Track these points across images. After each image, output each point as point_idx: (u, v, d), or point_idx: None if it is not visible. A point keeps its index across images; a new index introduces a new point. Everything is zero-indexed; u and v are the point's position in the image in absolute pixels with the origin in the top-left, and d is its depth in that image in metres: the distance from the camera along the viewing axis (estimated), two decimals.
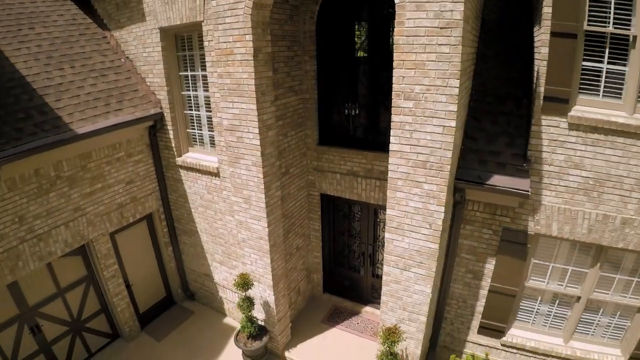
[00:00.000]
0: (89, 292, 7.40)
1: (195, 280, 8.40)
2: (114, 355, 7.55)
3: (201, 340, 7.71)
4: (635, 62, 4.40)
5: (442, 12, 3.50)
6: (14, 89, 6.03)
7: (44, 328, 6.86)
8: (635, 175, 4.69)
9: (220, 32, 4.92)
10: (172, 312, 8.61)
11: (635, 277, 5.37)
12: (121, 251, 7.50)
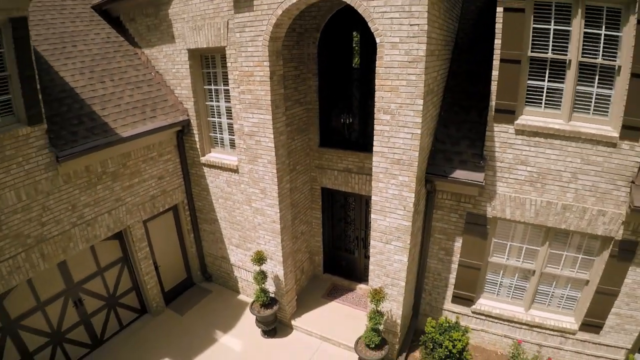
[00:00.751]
0: (123, 272, 8.57)
1: (213, 263, 9.64)
2: (143, 328, 8.71)
3: (219, 313, 8.89)
4: (570, 80, 5.58)
5: (410, 50, 4.74)
6: (66, 99, 7.21)
7: (85, 302, 8.04)
8: (571, 169, 5.87)
9: (243, 58, 6.17)
10: (192, 292, 9.83)
11: (580, 254, 6.57)
12: (151, 236, 8.68)
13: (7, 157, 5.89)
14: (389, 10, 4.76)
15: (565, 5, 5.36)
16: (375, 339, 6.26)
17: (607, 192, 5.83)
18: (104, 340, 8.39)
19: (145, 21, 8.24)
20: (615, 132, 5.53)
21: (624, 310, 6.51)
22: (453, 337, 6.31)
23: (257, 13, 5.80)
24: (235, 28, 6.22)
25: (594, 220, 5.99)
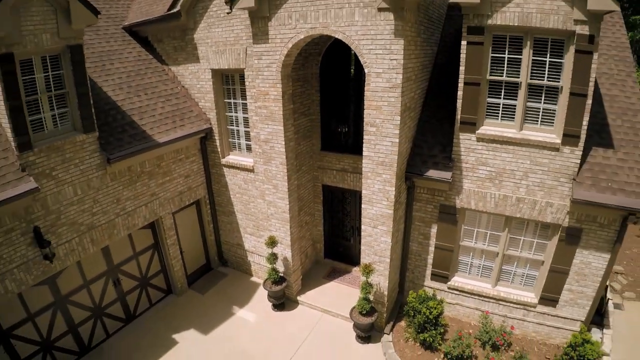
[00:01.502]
0: (154, 256, 9.90)
1: (229, 250, 11.00)
2: (169, 305, 10.04)
3: (235, 292, 10.24)
4: (521, 98, 6.89)
5: (390, 78, 6.07)
6: (110, 111, 8.53)
7: (123, 282, 9.39)
8: (522, 169, 7.18)
9: (260, 80, 7.50)
10: (210, 275, 11.15)
11: (535, 239, 7.87)
12: (178, 226, 10.00)
13: (66, 159, 7.22)
14: (375, 48, 6.10)
15: (517, 37, 6.66)
16: (366, 306, 7.58)
17: (553, 188, 7.13)
18: (136, 315, 9.71)
19: (172, 43, 9.58)
20: (558, 139, 6.83)
21: (575, 286, 7.80)
22: (430, 306, 7.62)
23: (272, 45, 7.15)
24: (254, 55, 7.55)
25: (543, 210, 7.29)
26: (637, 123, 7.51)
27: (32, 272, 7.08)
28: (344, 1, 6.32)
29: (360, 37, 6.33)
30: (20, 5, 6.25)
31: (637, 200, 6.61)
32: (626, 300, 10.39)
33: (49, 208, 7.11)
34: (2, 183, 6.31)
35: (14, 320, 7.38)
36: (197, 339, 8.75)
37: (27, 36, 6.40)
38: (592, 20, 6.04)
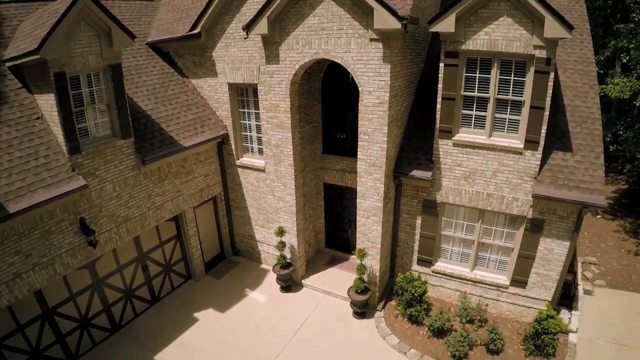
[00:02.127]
0: (176, 245, 11.11)
1: (241, 241, 12.22)
2: (189, 289, 11.26)
3: (247, 277, 11.45)
4: (490, 110, 8.12)
5: (379, 96, 7.29)
6: (142, 119, 9.75)
7: (150, 267, 10.63)
8: (491, 169, 8.37)
9: (272, 94, 8.73)
10: (224, 263, 12.36)
11: (505, 229, 9.09)
12: (197, 219, 11.21)
13: (108, 160, 8.45)
14: (367, 71, 7.33)
15: (486, 60, 7.88)
16: (361, 285, 8.82)
17: (517, 185, 8.35)
18: (160, 298, 10.93)
19: (192, 58, 10.81)
20: (521, 145, 8.04)
21: (541, 270, 9.01)
22: (415, 285, 8.85)
23: (282, 66, 8.38)
24: (266, 73, 8.80)
25: (510, 204, 8.51)
26: (595, 130, 8.72)
27: (77, 257, 8.31)
28: (342, 32, 7.57)
29: (355, 61, 7.57)
30: (71, 32, 7.51)
31: (590, 196, 7.83)
32: (597, 287, 11.58)
33: (93, 202, 8.34)
34: (56, 181, 7.55)
35: (58, 299, 8.59)
36: (215, 316, 9.99)
37: (76, 57, 7.64)
38: (549, 45, 7.26)
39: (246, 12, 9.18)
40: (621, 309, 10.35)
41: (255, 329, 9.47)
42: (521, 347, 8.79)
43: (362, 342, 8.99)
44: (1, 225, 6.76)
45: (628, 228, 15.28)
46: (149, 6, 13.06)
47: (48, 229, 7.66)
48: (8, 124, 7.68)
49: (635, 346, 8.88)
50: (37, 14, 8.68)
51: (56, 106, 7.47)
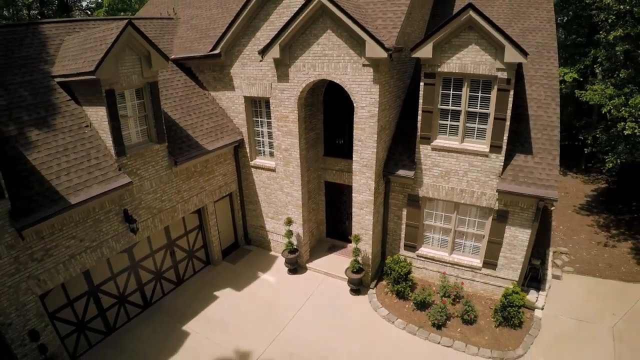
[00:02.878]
0: (199, 235, 12.69)
1: (253, 231, 13.79)
2: (209, 273, 12.80)
3: (259, 262, 13.00)
4: (462, 120, 9.77)
5: (370, 110, 8.87)
6: (172, 127, 11.34)
7: (176, 253, 12.25)
8: (463, 169, 9.94)
9: (282, 107, 10.30)
10: (238, 251, 13.91)
11: (477, 219, 10.74)
12: (217, 212, 12.86)
13: (146, 161, 10.05)
14: (360, 90, 8.93)
15: (458, 79, 9.52)
16: (356, 265, 10.45)
17: (485, 182, 9.98)
18: (184, 280, 12.47)
19: (212, 74, 12.44)
20: (487, 149, 9.66)
21: (508, 254, 10.63)
22: (401, 265, 10.52)
23: (291, 84, 9.96)
24: (277, 89, 10.42)
25: (480, 198, 10.14)
26: (554, 136, 10.34)
27: (120, 242, 9.92)
28: (340, 58, 9.20)
29: (351, 82, 9.18)
30: (119, 56, 9.15)
31: (546, 191, 9.44)
32: (565, 273, 13.15)
33: (134, 196, 9.96)
34: (106, 178, 9.16)
35: (102, 279, 10.21)
36: (232, 294, 11.59)
37: (122, 77, 9.26)
38: (509, 68, 8.86)
39: (260, 37, 10.82)
40: (585, 291, 11.86)
41: (267, 304, 11.07)
42: (492, 319, 10.41)
43: (357, 314, 10.59)
44: (64, 215, 8.43)
45: (601, 223, 16.79)
46: (170, 24, 14.69)
47: (98, 217, 9.25)
48: (62, 131, 9.29)
49: (593, 322, 10.36)
50: (80, 37, 10.28)
51: (107, 117, 9.06)
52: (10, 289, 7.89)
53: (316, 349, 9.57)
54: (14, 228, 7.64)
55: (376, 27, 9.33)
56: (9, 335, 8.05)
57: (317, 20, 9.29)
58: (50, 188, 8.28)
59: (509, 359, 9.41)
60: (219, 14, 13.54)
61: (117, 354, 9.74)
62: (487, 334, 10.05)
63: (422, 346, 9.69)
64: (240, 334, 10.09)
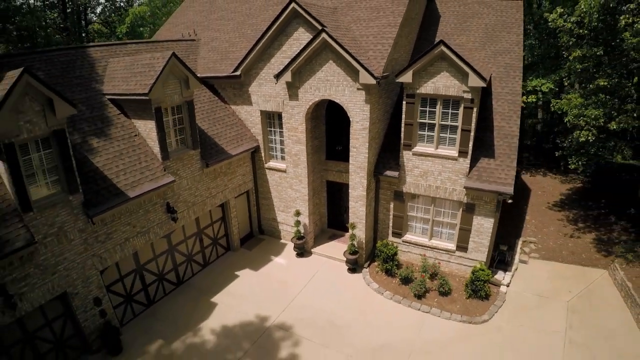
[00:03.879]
0: (222, 225, 15.07)
1: (266, 222, 16.02)
2: (229, 257, 15.01)
3: (271, 248, 15.22)
4: (437, 131, 12.25)
5: (363, 124, 11.13)
6: (202, 135, 13.53)
7: (204, 240, 14.67)
8: (438, 170, 12.28)
9: (292, 120, 12.61)
10: (253, 239, 16.15)
11: (450, 210, 13.20)
12: (237, 206, 15.31)
13: (184, 164, 12.35)
14: (355, 108, 11.22)
15: (433, 99, 11.93)
16: (352, 248, 12.82)
17: (455, 180, 12.35)
18: (209, 262, 14.74)
19: (232, 91, 14.87)
20: (456, 154, 12.07)
21: (476, 239, 12.99)
22: (389, 248, 12.94)
23: (300, 102, 12.25)
24: (288, 106, 12.78)
25: (451, 193, 12.54)
26: (513, 143, 12.69)
27: (163, 229, 12.26)
28: (340, 83, 11.55)
29: (348, 101, 11.54)
30: (165, 80, 11.59)
31: (503, 187, 11.72)
32: (531, 258, 15.47)
33: (175, 192, 12.31)
34: (155, 177, 11.43)
35: (146, 259, 12.45)
36: (251, 274, 13.86)
37: (167, 97, 11.70)
38: (473, 90, 11.22)
39: (274, 63, 13.22)
40: (547, 274, 13.88)
41: (280, 281, 13.36)
42: (463, 292, 12.75)
43: (353, 287, 12.84)
44: (123, 206, 10.86)
45: (570, 218, 18.67)
46: (192, 46, 17.08)
47: (147, 208, 11.61)
48: (117, 139, 11.66)
49: (552, 297, 12.39)
50: (125, 61, 12.59)
51: (155, 129, 11.48)
52: (79, 265, 10.12)
53: (320, 315, 11.91)
54: (86, 216, 10.06)
55: (368, 58, 11.80)
56: (75, 303, 10.24)
57: (321, 52, 11.71)
58: (112, 185, 10.66)
59: (475, 322, 11.75)
60: (236, 37, 16.00)
61: (157, 321, 11.87)
62: (459, 304, 12.43)
63: (405, 312, 12.08)
64: (259, 304, 12.45)
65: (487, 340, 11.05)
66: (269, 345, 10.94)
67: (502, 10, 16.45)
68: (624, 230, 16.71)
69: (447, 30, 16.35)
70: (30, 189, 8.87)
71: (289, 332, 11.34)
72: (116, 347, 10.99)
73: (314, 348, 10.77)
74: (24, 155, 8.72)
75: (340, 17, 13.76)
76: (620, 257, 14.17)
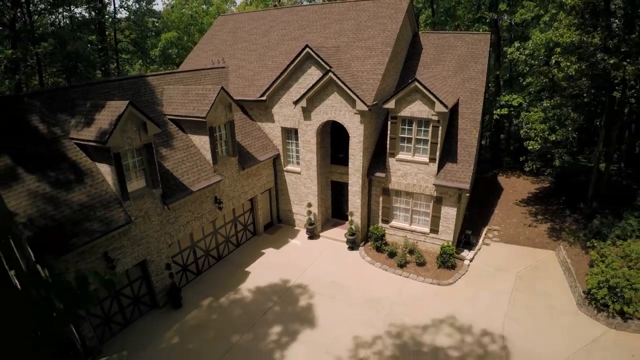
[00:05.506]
0: (250, 214, 19.40)
1: (283, 213, 19.99)
2: (255, 240, 18.86)
3: (288, 233, 19.11)
4: (412, 143, 16.85)
5: (359, 138, 15.37)
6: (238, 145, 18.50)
7: (237, 226, 19.22)
8: (414, 172, 16.53)
9: (307, 135, 16.63)
10: (273, 227, 20.12)
11: (424, 202, 17.71)
12: (262, 200, 19.63)
13: (227, 168, 16.53)
14: (353, 127, 15.42)
15: (410, 119, 16.49)
16: (351, 230, 17.01)
17: (427, 179, 16.81)
18: (240, 244, 19.00)
19: (259, 111, 19.29)
20: (427, 160, 16.55)
21: (444, 224, 17.30)
22: (378, 230, 17.42)
23: (312, 122, 16.38)
24: (303, 124, 17.19)
25: (425, 189, 16.83)
26: (472, 152, 17.07)
27: (211, 215, 16.31)
28: (341, 108, 15.88)
29: (348, 122, 15.94)
30: (216, 106, 16.18)
31: (462, 184, 16.09)
32: (493, 242, 19.65)
33: (220, 188, 16.58)
34: (207, 177, 15.66)
35: (197, 238, 16.58)
36: (274, 252, 17.92)
37: (216, 118, 16.26)
38: (439, 114, 15.78)
39: (292, 91, 17.61)
40: (504, 253, 17.60)
41: (296, 256, 17.36)
42: (435, 264, 17.17)
43: (351, 260, 16.80)
44: (188, 197, 15.33)
45: (532, 211, 21.74)
46: (223, 72, 21.47)
47: (201, 199, 15.85)
48: (178, 149, 15.91)
49: (505, 269, 16.07)
50: (179, 89, 16.91)
51: (209, 142, 15.95)
52: (155, 240, 14.16)
53: (327, 278, 16.08)
54: (163, 203, 14.55)
55: (362, 90, 16.36)
56: (150, 268, 14.46)
57: (328, 86, 16.15)
58: (180, 182, 14.97)
59: (442, 284, 16.05)
60: (259, 67, 20.55)
61: (205, 285, 15.76)
62: (431, 272, 16.82)
63: (390, 277, 16.40)
64: (282, 272, 16.72)
65: (450, 297, 15.00)
66: (292, 298, 15.33)
67: (472, 43, 20.27)
68: (574, 221, 19.96)
69: (427, 61, 20.78)
70: (127, 185, 12.71)
71: (305, 289, 15.76)
72: (178, 302, 15.22)
73: (324, 299, 15.21)
74: (124, 161, 12.59)
75: (342, 55, 18.36)
76: (565, 241, 17.53)
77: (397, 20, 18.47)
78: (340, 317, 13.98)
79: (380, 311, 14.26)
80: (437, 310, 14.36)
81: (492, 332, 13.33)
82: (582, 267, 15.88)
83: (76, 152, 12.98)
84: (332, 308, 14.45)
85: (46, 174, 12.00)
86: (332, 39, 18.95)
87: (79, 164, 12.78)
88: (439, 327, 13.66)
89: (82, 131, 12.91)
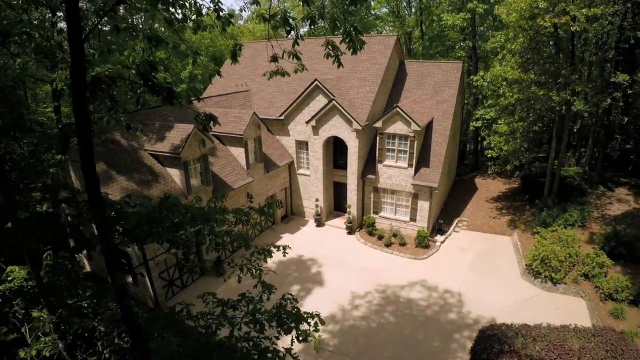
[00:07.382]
0: None
1: (296, 207, 24.84)
2: (275, 228, 23.81)
3: (299, 223, 24.05)
4: (395, 153, 22.90)
5: (355, 149, 21.18)
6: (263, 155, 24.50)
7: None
8: (396, 174, 22.40)
9: (315, 146, 21.84)
10: (288, 218, 24.95)
11: (405, 197, 23.72)
12: (280, 197, 25.86)
13: (256, 171, 21.99)
14: (350, 141, 20.77)
15: (394, 135, 22.63)
16: (349, 219, 22.43)
17: (407, 180, 22.37)
18: (264, 230, 25.20)
19: (277, 127, 24.72)
20: (406, 165, 22.31)
21: (420, 214, 22.84)
22: (370, 219, 23.01)
23: (319, 136, 21.52)
24: (312, 138, 22.91)
25: (405, 187, 22.17)
26: (441, 159, 22.92)
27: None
28: (342, 127, 21.29)
29: (346, 138, 21.24)
30: (249, 126, 22.25)
31: (432, 184, 22.20)
32: (462, 230, 25.43)
33: (251, 186, 22.47)
34: (243, 178, 21.55)
35: None
36: (290, 236, 22.76)
37: (250, 135, 22.37)
38: (415, 131, 21.90)
39: (305, 113, 23.25)
40: (470, 237, 22.89)
41: (306, 239, 22.34)
42: (413, 244, 22.94)
43: (349, 241, 21.79)
44: (231, 192, 21.22)
45: (499, 207, 25.71)
46: (247, 95, 27.33)
47: (238, 195, 21.61)
48: (221, 157, 21.22)
49: (467, 249, 21.93)
50: (219, 112, 23.29)
51: (244, 152, 21.83)
52: None
53: (331, 254, 20.91)
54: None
55: (357, 113, 22.36)
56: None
57: (332, 110, 21.79)
58: (224, 182, 20.90)
59: (418, 258, 21.13)
60: (276, 92, 26.41)
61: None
62: (410, 250, 22.39)
63: (379, 253, 21.48)
64: (296, 249, 21.57)
65: (424, 266, 20.03)
66: (305, 267, 20.98)
67: (447, 70, 25.56)
68: (531, 214, 23.88)
69: (410, 86, 26.61)
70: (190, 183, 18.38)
71: (315, 261, 21.48)
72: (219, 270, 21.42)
73: (330, 268, 20.72)
74: (189, 166, 18.64)
75: (342, 84, 24.32)
76: (518, 229, 22.62)
77: (385, 56, 24.34)
78: (342, 279, 19.39)
79: (371, 275, 19.92)
80: (413, 276, 19.77)
81: (452, 290, 18.25)
82: (528, 247, 20.48)
83: (150, 160, 17.89)
84: (335, 274, 19.93)
85: (132, 175, 17.07)
86: (335, 70, 24.96)
87: (153, 169, 17.85)
88: (413, 287, 19.05)
89: (155, 144, 17.86)
